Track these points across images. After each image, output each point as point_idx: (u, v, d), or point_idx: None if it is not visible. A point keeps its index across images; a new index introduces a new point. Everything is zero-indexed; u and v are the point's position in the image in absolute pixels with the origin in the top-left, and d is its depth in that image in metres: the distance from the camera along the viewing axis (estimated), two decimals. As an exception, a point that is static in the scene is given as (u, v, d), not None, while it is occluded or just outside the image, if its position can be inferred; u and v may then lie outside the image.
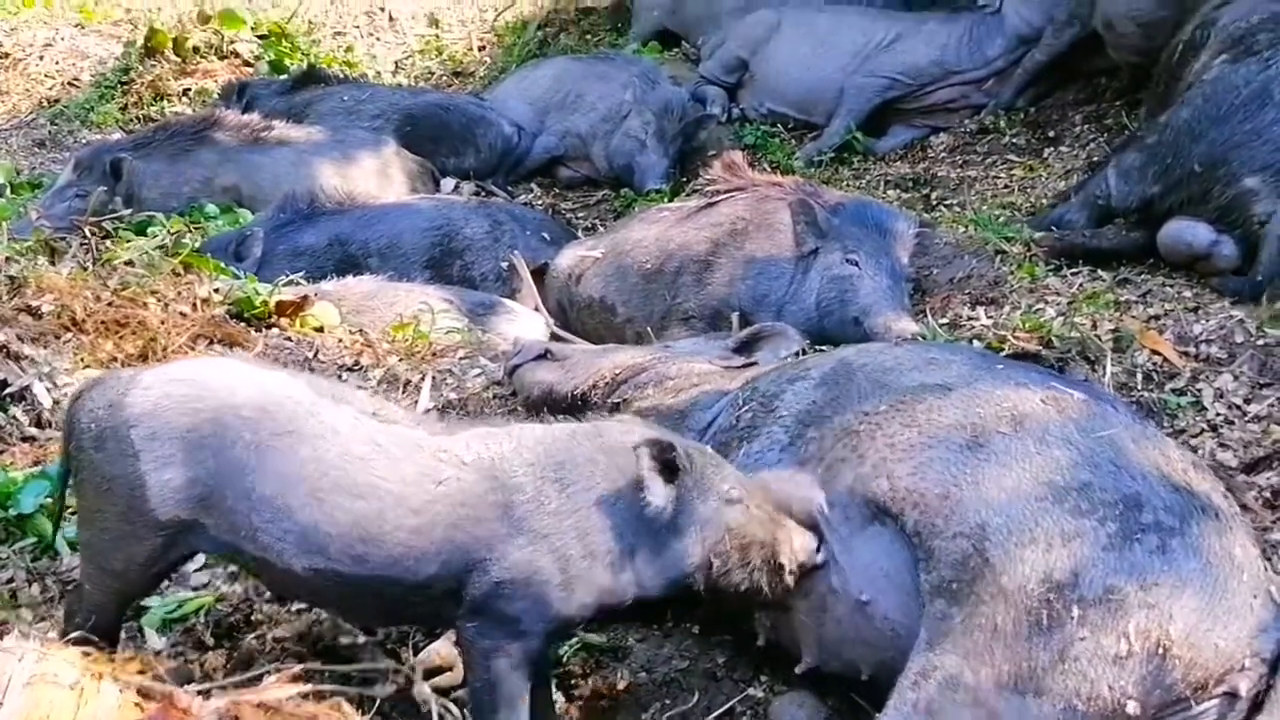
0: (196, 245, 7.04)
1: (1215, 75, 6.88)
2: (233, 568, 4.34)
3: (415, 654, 4.01)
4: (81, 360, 5.53)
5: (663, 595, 3.57)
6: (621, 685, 4.13)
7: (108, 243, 6.90)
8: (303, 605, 4.19)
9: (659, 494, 3.44)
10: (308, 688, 3.21)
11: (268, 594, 4.26)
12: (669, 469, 3.46)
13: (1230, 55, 6.95)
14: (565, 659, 4.21)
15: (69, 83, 11.90)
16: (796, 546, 3.60)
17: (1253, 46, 6.87)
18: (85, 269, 6.35)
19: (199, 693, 3.24)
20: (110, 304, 5.83)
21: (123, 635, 3.87)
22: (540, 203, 10.00)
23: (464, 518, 3.40)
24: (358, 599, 3.51)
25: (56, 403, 5.25)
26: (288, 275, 6.83)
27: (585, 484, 3.47)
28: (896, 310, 6.17)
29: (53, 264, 6.44)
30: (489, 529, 3.40)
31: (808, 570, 3.65)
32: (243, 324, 6.27)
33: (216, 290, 6.36)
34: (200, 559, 4.35)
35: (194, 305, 6.06)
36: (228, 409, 3.45)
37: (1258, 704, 3.48)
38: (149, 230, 7.14)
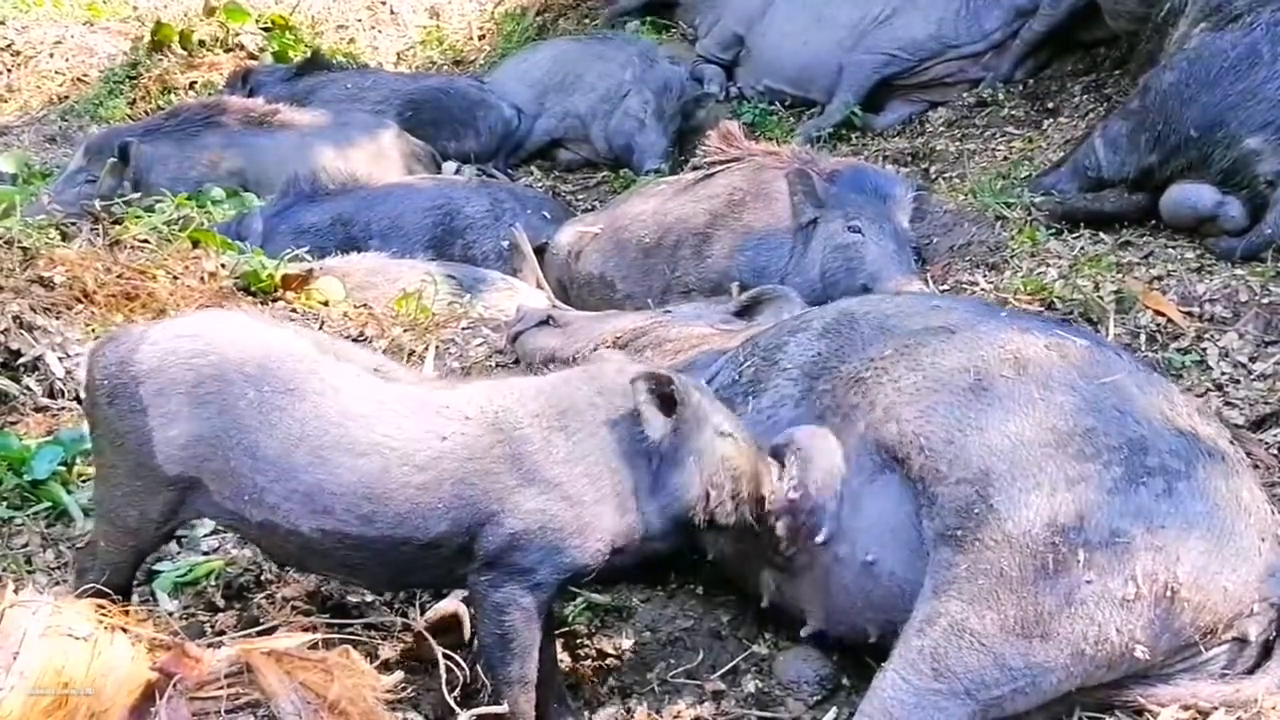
0: (204, 224, 7.07)
1: (1198, 43, 6.86)
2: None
3: (422, 613, 4.02)
4: (92, 331, 5.56)
5: (666, 535, 3.57)
6: (627, 644, 4.15)
7: (116, 227, 6.92)
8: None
9: (656, 426, 3.47)
10: (317, 636, 3.24)
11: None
12: (666, 401, 3.48)
13: (1210, 24, 6.92)
14: (571, 619, 4.23)
15: (78, 79, 11.89)
16: (776, 479, 3.64)
17: (1232, 13, 6.84)
18: (95, 245, 6.39)
19: (209, 645, 3.27)
20: (120, 276, 5.89)
21: (135, 599, 3.89)
22: (540, 185, 9.99)
23: (472, 472, 3.40)
24: (367, 560, 3.50)
25: (69, 372, 5.29)
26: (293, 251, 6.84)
27: (590, 429, 3.48)
28: (906, 274, 6.15)
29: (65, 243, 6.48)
30: (499, 481, 3.40)
31: (784, 507, 3.66)
32: (250, 297, 6.31)
33: (223, 265, 6.41)
34: (210, 524, 4.38)
35: (202, 278, 6.12)
36: (232, 366, 3.45)
37: (1268, 650, 3.52)
38: (157, 207, 7.18)
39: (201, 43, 11.93)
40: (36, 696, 2.91)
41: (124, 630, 3.18)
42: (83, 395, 4.15)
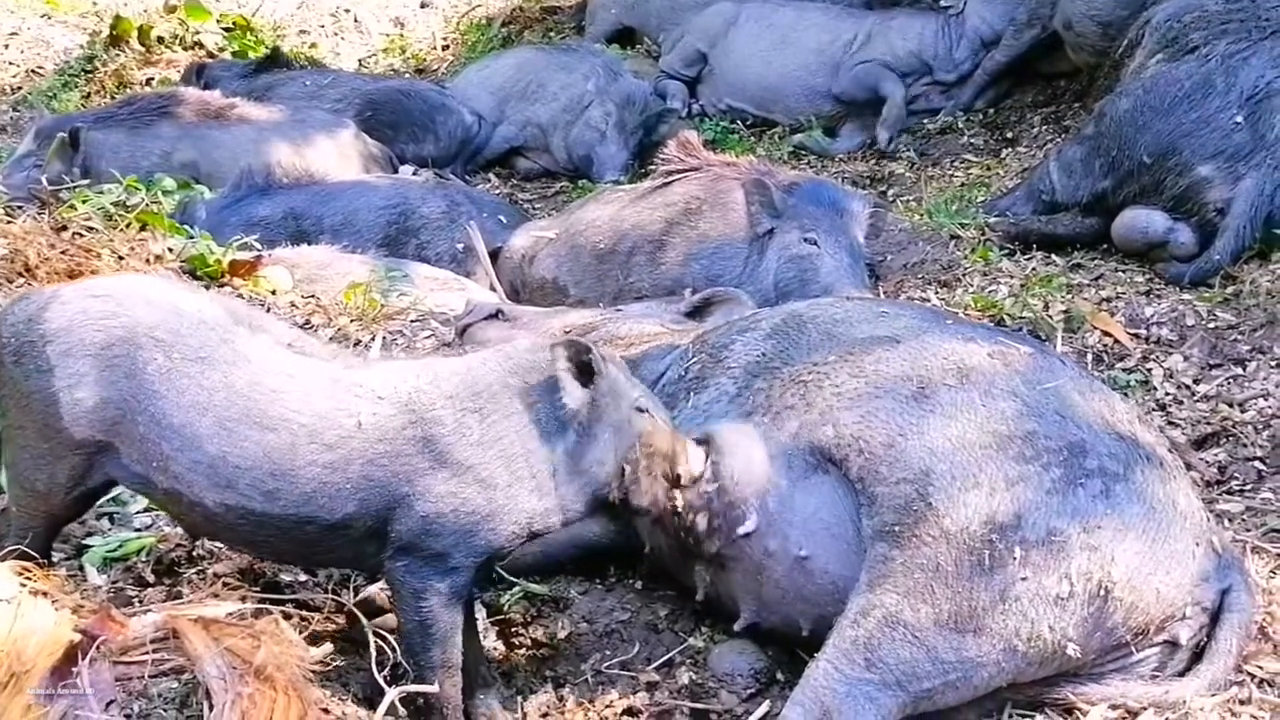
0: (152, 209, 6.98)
1: (1154, 72, 6.99)
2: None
3: (355, 594, 3.98)
4: (32, 305, 5.45)
5: (583, 514, 3.54)
6: (562, 635, 4.12)
7: (63, 210, 6.84)
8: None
9: (575, 395, 3.42)
10: (246, 606, 3.20)
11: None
12: (584, 370, 3.44)
13: (1166, 55, 7.06)
14: (506, 608, 4.20)
15: (33, 71, 11.80)
16: (691, 459, 3.60)
17: (1187, 45, 6.98)
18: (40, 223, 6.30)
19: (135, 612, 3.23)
20: (64, 253, 5.78)
21: (63, 573, 3.82)
22: (498, 193, 9.92)
23: (382, 453, 3.34)
24: (272, 538, 3.44)
25: (3, 344, 5.18)
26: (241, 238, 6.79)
27: (504, 410, 3.43)
28: (859, 288, 6.17)
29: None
30: (409, 464, 3.35)
31: (695, 483, 3.66)
32: (196, 281, 6.19)
33: (170, 249, 6.33)
34: (143, 501, 4.32)
35: (147, 260, 6.03)
36: (142, 329, 3.37)
37: (1198, 654, 3.55)
38: (105, 189, 7.07)
39: (160, 39, 11.88)
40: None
41: (46, 595, 3.13)
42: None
